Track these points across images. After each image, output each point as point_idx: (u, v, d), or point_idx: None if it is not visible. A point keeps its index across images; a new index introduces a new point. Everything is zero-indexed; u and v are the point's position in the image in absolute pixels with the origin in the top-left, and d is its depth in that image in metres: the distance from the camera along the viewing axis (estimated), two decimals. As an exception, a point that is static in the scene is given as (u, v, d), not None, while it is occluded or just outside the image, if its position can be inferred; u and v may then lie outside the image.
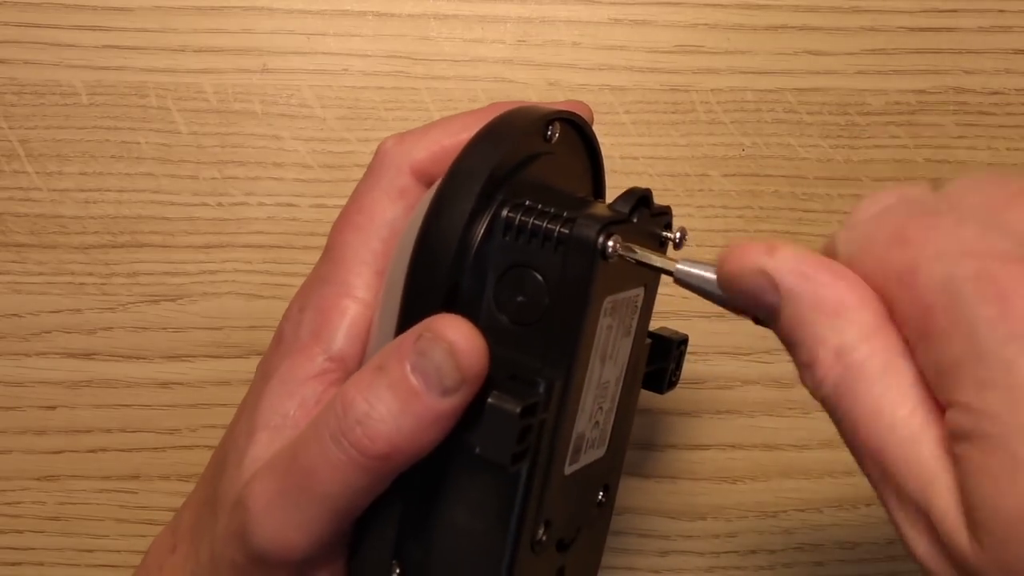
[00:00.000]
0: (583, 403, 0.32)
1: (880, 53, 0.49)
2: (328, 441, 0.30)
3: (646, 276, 0.34)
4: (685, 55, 0.48)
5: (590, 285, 0.30)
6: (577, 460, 0.33)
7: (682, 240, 0.34)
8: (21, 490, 0.49)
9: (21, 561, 0.49)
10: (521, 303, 0.31)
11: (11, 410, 0.48)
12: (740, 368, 0.49)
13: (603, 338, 0.32)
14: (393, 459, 0.30)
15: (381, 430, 0.29)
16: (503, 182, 0.32)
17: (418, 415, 0.29)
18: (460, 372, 0.29)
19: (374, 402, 0.29)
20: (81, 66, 0.47)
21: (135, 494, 0.49)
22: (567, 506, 0.34)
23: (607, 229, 0.30)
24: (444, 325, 0.29)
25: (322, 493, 0.30)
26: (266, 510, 0.31)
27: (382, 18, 0.48)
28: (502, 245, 0.31)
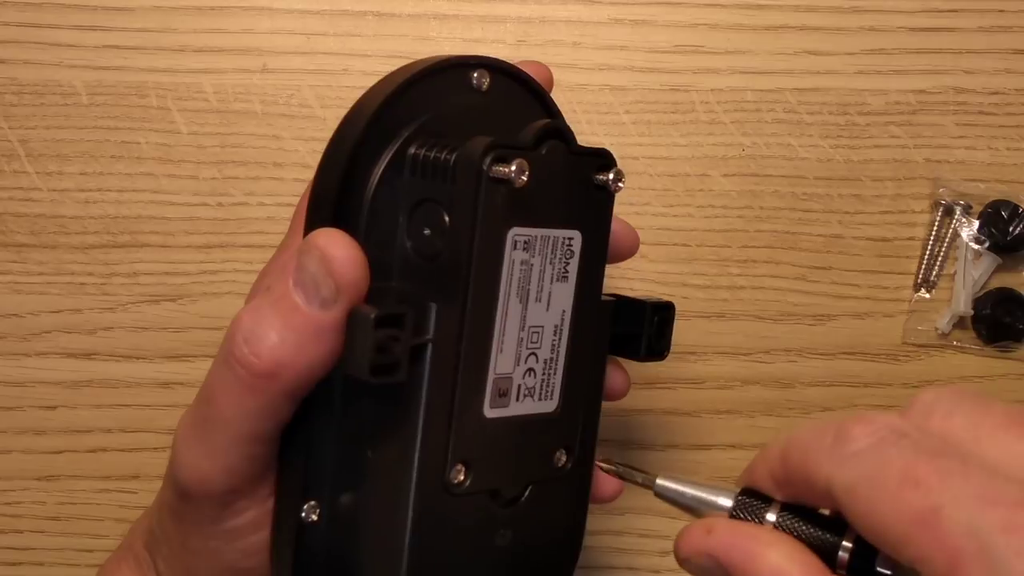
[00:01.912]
0: (501, 341, 0.32)
1: (880, 53, 0.49)
2: (222, 365, 0.30)
3: (583, 220, 0.33)
4: (685, 55, 0.48)
5: (475, 205, 0.30)
6: (505, 404, 0.32)
7: (617, 182, 0.33)
8: (21, 490, 0.49)
9: (21, 561, 0.49)
10: (428, 236, 0.31)
11: (11, 410, 0.48)
12: (740, 368, 0.49)
13: (518, 274, 0.32)
14: (280, 376, 0.30)
15: (264, 346, 0.29)
16: (409, 121, 0.32)
17: (299, 328, 0.29)
18: (334, 280, 0.29)
19: (259, 320, 0.30)
20: (81, 66, 0.47)
21: (135, 494, 0.49)
22: (498, 453, 0.33)
23: (493, 150, 0.30)
24: (319, 236, 0.29)
25: (222, 419, 0.30)
26: (183, 443, 0.31)
27: (382, 18, 0.48)
28: (409, 181, 0.31)
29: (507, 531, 0.34)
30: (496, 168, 0.30)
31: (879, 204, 0.49)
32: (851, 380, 0.49)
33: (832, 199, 0.49)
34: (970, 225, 0.49)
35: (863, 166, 0.49)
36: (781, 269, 0.49)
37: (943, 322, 0.49)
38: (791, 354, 0.49)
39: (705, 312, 0.49)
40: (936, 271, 0.49)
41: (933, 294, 0.49)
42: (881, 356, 0.49)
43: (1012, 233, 0.48)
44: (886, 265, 0.49)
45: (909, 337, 0.49)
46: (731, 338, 0.49)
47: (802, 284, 0.49)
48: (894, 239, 0.49)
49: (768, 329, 0.49)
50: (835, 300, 0.49)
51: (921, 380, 0.49)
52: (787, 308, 0.49)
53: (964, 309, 0.49)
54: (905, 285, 0.49)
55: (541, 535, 0.35)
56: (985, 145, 0.49)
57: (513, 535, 0.34)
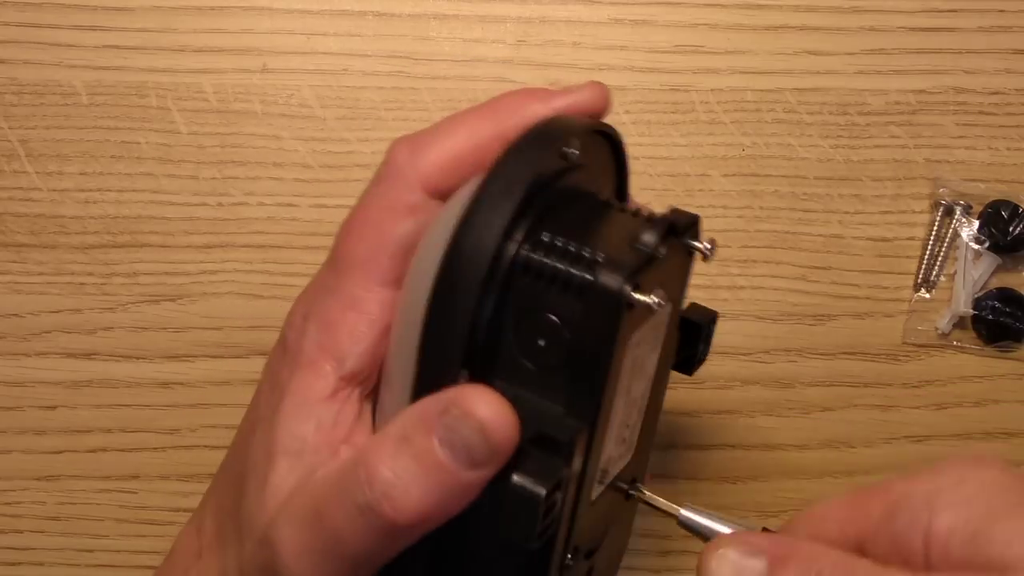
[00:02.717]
0: (609, 434, 0.31)
1: (880, 53, 0.49)
2: (354, 510, 0.30)
3: (674, 289, 0.32)
4: (685, 55, 0.48)
5: (616, 336, 0.29)
6: (604, 481, 0.32)
7: (711, 251, 0.32)
8: (21, 490, 0.49)
9: (21, 561, 0.49)
10: (542, 347, 0.30)
11: (11, 410, 0.48)
12: (740, 368, 0.49)
13: (629, 368, 0.31)
14: (419, 528, 0.30)
15: (407, 502, 0.29)
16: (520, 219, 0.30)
17: (445, 487, 0.29)
18: (490, 447, 0.28)
19: (400, 473, 0.29)
20: (81, 66, 0.47)
21: (135, 494, 0.49)
22: (593, 525, 0.33)
23: (633, 279, 0.28)
24: (473, 400, 0.28)
25: (349, 554, 0.30)
26: (296, 560, 0.31)
27: (382, 18, 0.48)
28: (522, 286, 0.30)
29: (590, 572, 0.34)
30: (636, 297, 0.28)
31: (879, 204, 0.49)
32: (851, 380, 0.49)
33: (832, 199, 0.49)
34: (970, 225, 0.49)
35: (863, 166, 0.49)
36: (781, 269, 0.49)
37: (943, 322, 0.49)
38: (791, 354, 0.49)
39: (705, 312, 0.49)
40: (936, 271, 0.49)
41: (933, 294, 0.49)
42: (881, 356, 0.49)
43: (1012, 233, 0.48)
44: (886, 265, 0.49)
45: (909, 337, 0.49)
46: (731, 338, 0.49)
47: (802, 284, 0.49)
48: (894, 239, 0.49)
49: (768, 329, 0.49)
50: (835, 300, 0.49)
51: (921, 380, 0.49)
52: (787, 308, 0.49)
53: (964, 309, 0.49)
54: (905, 285, 0.49)
55: (609, 557, 0.36)
56: (985, 145, 0.49)
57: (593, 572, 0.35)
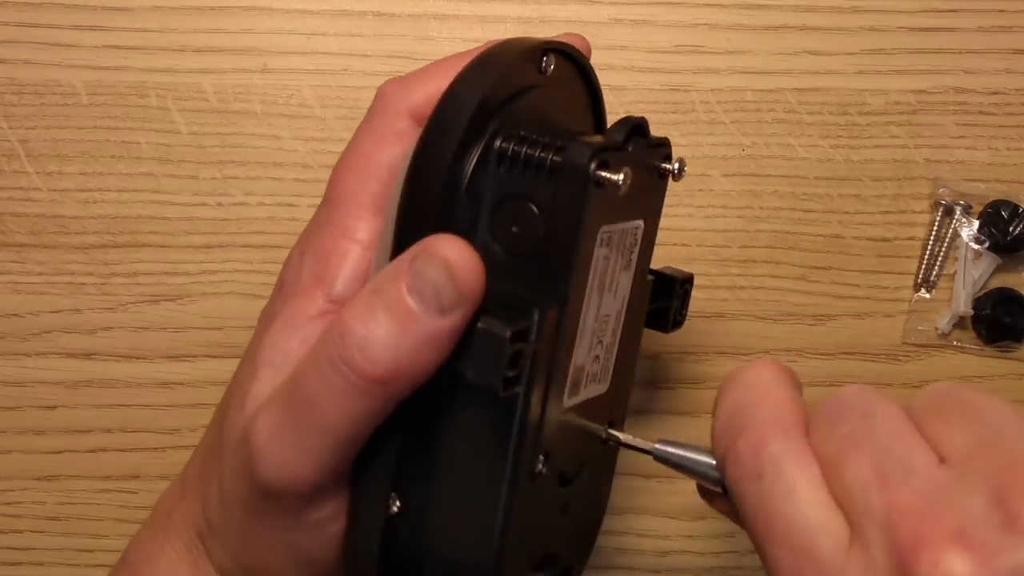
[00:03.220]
0: (581, 334, 0.32)
1: (880, 53, 0.49)
2: (327, 368, 0.30)
3: (645, 208, 0.34)
4: (685, 55, 0.48)
5: (583, 212, 0.30)
6: (577, 393, 0.33)
7: (681, 171, 0.34)
8: (21, 490, 0.49)
9: (21, 561, 0.49)
10: (516, 233, 0.31)
11: (11, 410, 0.48)
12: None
13: (600, 269, 0.32)
14: (393, 383, 0.29)
15: (380, 353, 0.29)
16: (495, 113, 0.32)
17: (417, 335, 0.29)
18: (457, 289, 0.29)
19: (372, 326, 0.29)
20: (81, 66, 0.47)
21: (135, 494, 0.49)
22: (568, 439, 0.33)
23: (599, 155, 0.30)
24: (440, 244, 0.29)
25: (324, 421, 0.30)
26: (270, 442, 0.31)
27: (382, 18, 0.48)
28: (496, 176, 0.31)
29: (565, 506, 0.35)
30: (601, 174, 0.30)
31: (879, 204, 0.49)
32: (851, 380, 0.49)
33: (832, 199, 0.49)
34: (970, 225, 0.49)
35: (863, 166, 0.49)
36: (781, 269, 0.49)
37: (943, 322, 0.49)
38: (791, 354, 0.49)
39: (705, 312, 0.49)
40: (936, 271, 0.49)
41: (933, 294, 0.49)
42: (881, 356, 0.49)
43: (1012, 233, 0.48)
44: (886, 265, 0.49)
45: (909, 337, 0.49)
46: (731, 338, 0.49)
47: (802, 284, 0.49)
48: (894, 239, 0.49)
49: (768, 329, 0.49)
50: (835, 300, 0.49)
51: (921, 380, 0.49)
52: (787, 308, 0.49)
53: (964, 309, 0.49)
54: (905, 285, 0.49)
55: (586, 504, 0.36)
56: (985, 145, 0.49)
57: (568, 509, 0.35)
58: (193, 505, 0.35)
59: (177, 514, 0.36)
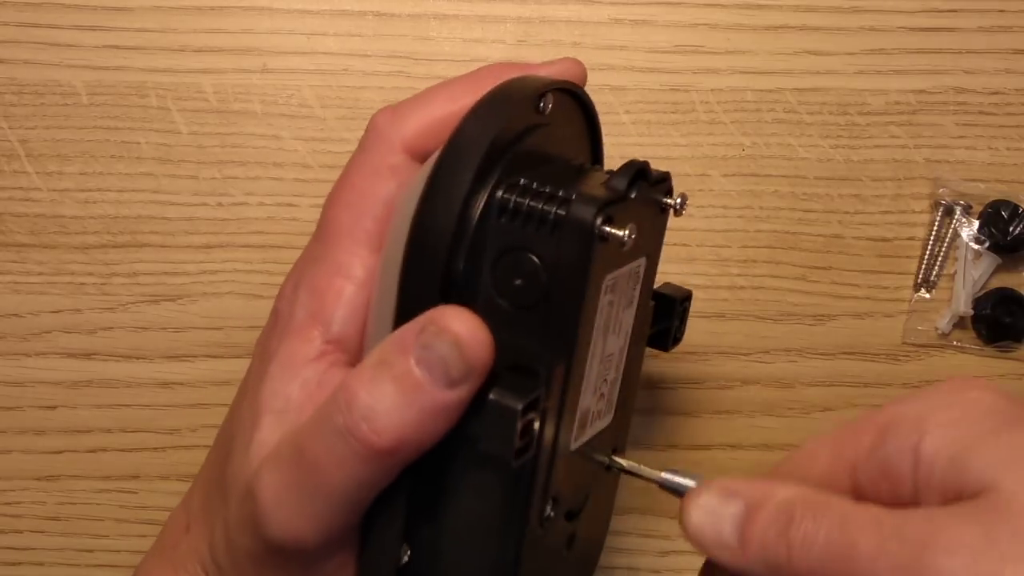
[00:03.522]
0: (587, 380, 0.32)
1: (880, 53, 0.49)
2: (333, 436, 0.30)
3: (647, 245, 0.34)
4: (685, 55, 0.48)
5: (588, 269, 0.30)
6: (583, 434, 0.33)
7: (682, 206, 0.34)
8: (21, 490, 0.49)
9: (21, 561, 0.49)
10: (519, 286, 0.31)
11: (11, 410, 0.48)
12: (740, 368, 0.49)
13: (605, 314, 0.32)
14: (399, 452, 0.30)
15: (386, 424, 0.29)
16: (498, 160, 0.31)
17: (423, 408, 0.29)
18: (466, 363, 0.29)
19: (378, 396, 0.29)
20: (81, 66, 0.47)
21: (135, 494, 0.49)
22: (574, 479, 0.33)
23: (604, 211, 0.29)
24: (449, 317, 0.29)
25: (330, 487, 0.30)
26: (276, 502, 0.31)
27: (382, 18, 0.48)
28: (497, 227, 0.31)
29: (570, 539, 0.35)
30: (607, 229, 0.29)
31: (879, 204, 0.49)
32: (851, 380, 0.49)
33: (832, 199, 0.49)
34: (970, 225, 0.49)
35: (863, 166, 0.49)
36: (781, 269, 0.49)
37: (943, 322, 0.49)
38: (791, 354, 0.49)
39: (705, 312, 0.49)
40: (936, 271, 0.49)
41: (933, 294, 0.49)
42: (881, 356, 0.50)
43: (1012, 233, 0.48)
44: (886, 265, 0.49)
45: (909, 337, 0.49)
46: (731, 338, 0.49)
47: (802, 284, 0.49)
48: (894, 239, 0.49)
49: (768, 329, 0.49)
50: (835, 300, 0.49)
51: (921, 380, 0.49)
52: (787, 308, 0.49)
53: (964, 309, 0.49)
54: (905, 285, 0.49)
55: (590, 530, 0.36)
56: (985, 145, 0.49)
57: (574, 541, 0.35)
58: (199, 541, 0.35)
59: (183, 547, 0.36)
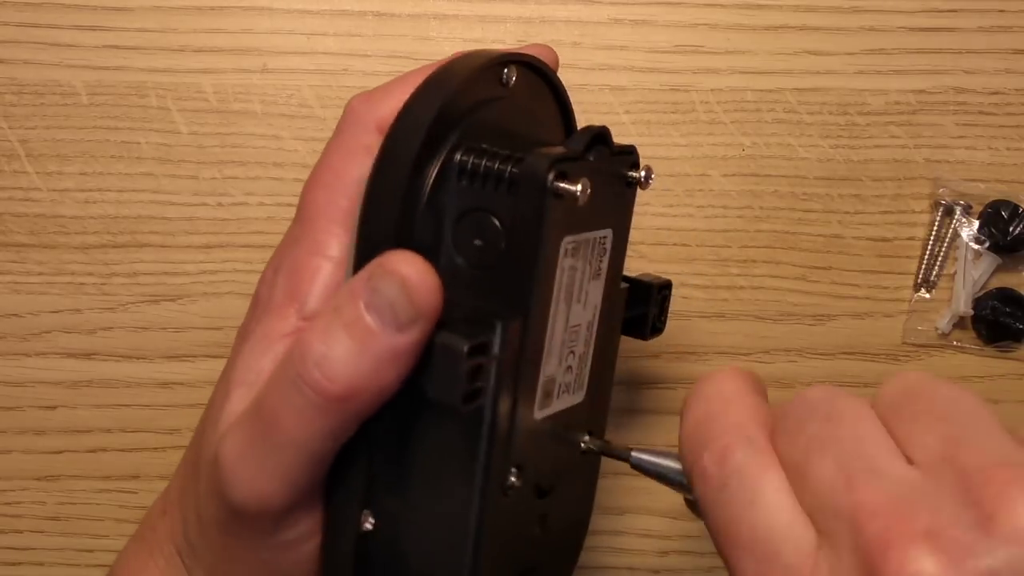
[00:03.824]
0: (550, 346, 0.32)
1: (880, 53, 0.49)
2: (289, 387, 0.30)
3: (614, 218, 0.34)
4: (685, 55, 0.48)
5: (542, 223, 0.30)
6: (549, 405, 0.33)
7: (647, 179, 0.34)
8: (21, 490, 0.49)
9: (21, 561, 0.49)
10: (479, 247, 0.31)
11: (11, 410, 0.48)
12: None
13: (566, 279, 0.32)
14: (354, 400, 0.29)
15: (339, 370, 0.29)
16: (455, 126, 0.31)
17: (375, 353, 0.29)
18: (414, 306, 0.29)
19: (331, 343, 0.29)
20: (81, 66, 0.47)
21: (135, 494, 0.49)
22: (542, 451, 0.33)
23: (557, 166, 0.30)
24: (396, 260, 0.29)
25: (288, 439, 0.30)
26: (237, 462, 0.31)
27: (382, 18, 0.48)
28: (456, 189, 0.31)
29: (543, 518, 0.35)
30: (560, 185, 0.30)
31: (879, 204, 0.49)
32: (851, 380, 0.49)
33: (832, 199, 0.49)
34: (970, 225, 0.49)
35: (863, 166, 0.49)
36: (781, 269, 0.49)
37: (943, 322, 0.49)
38: (791, 354, 0.49)
39: (705, 312, 0.49)
40: (936, 271, 0.49)
41: (933, 294, 0.49)
42: (881, 356, 0.50)
43: (1012, 233, 0.48)
44: (886, 265, 0.49)
45: (909, 337, 0.49)
46: (731, 338, 0.49)
47: (802, 284, 0.49)
48: (894, 239, 0.49)
49: (768, 329, 0.49)
50: (835, 300, 0.49)
51: (921, 380, 0.49)
52: (787, 308, 0.49)
53: (964, 309, 0.49)
54: (905, 285, 0.49)
55: (566, 515, 0.36)
56: (985, 145, 0.49)
57: (547, 521, 0.35)
58: (174, 522, 0.36)
59: (160, 530, 0.36)
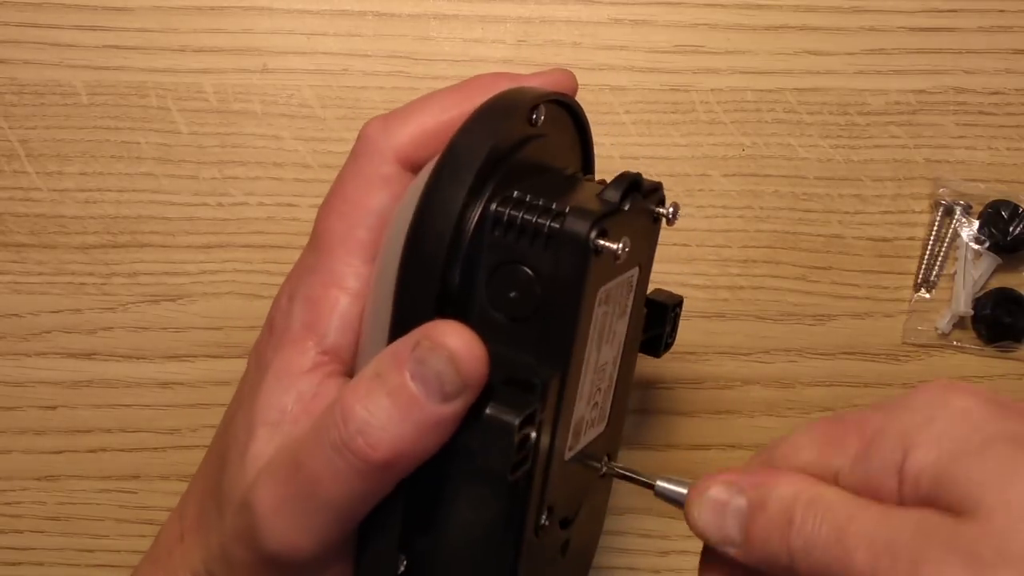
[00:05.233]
0: (581, 390, 0.32)
1: (880, 53, 0.49)
2: (330, 450, 0.30)
3: (640, 255, 0.34)
4: (685, 55, 0.48)
5: (584, 281, 0.30)
6: (577, 443, 0.33)
7: (675, 216, 0.34)
8: (21, 490, 0.49)
9: (21, 561, 0.49)
10: (514, 299, 0.31)
11: (11, 410, 0.48)
12: (740, 368, 0.49)
13: (599, 325, 0.32)
14: (395, 466, 0.30)
15: (382, 438, 0.29)
16: (492, 172, 0.31)
17: (419, 422, 0.29)
18: (461, 378, 0.29)
19: (374, 410, 0.29)
20: (81, 66, 0.47)
21: (135, 494, 0.49)
22: (569, 487, 0.33)
23: (598, 224, 0.30)
24: (443, 332, 0.29)
25: (327, 500, 0.30)
26: (273, 515, 0.31)
27: (382, 18, 0.48)
28: (492, 240, 0.31)
29: (565, 546, 0.35)
30: (601, 243, 0.30)
31: (879, 204, 0.49)
32: (851, 380, 0.49)
33: (832, 199, 0.49)
34: (970, 225, 0.49)
35: (863, 166, 0.49)
36: (781, 269, 0.49)
37: (943, 322, 0.49)
38: (791, 354, 0.49)
39: (705, 312, 0.49)
40: (936, 271, 0.49)
41: (933, 294, 0.49)
42: (881, 356, 0.50)
43: (1012, 233, 0.48)
44: (886, 265, 0.49)
45: (909, 337, 0.49)
46: (731, 338, 0.49)
47: (802, 284, 0.49)
48: (894, 239, 0.49)
49: (768, 329, 0.49)
50: (835, 300, 0.49)
51: (921, 380, 0.49)
52: (787, 308, 0.49)
53: (964, 309, 0.49)
54: (905, 285, 0.49)
55: (583, 536, 0.36)
56: (985, 145, 0.49)
57: (568, 548, 0.35)
58: (193, 551, 0.35)
59: (177, 556, 0.36)
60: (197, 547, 0.35)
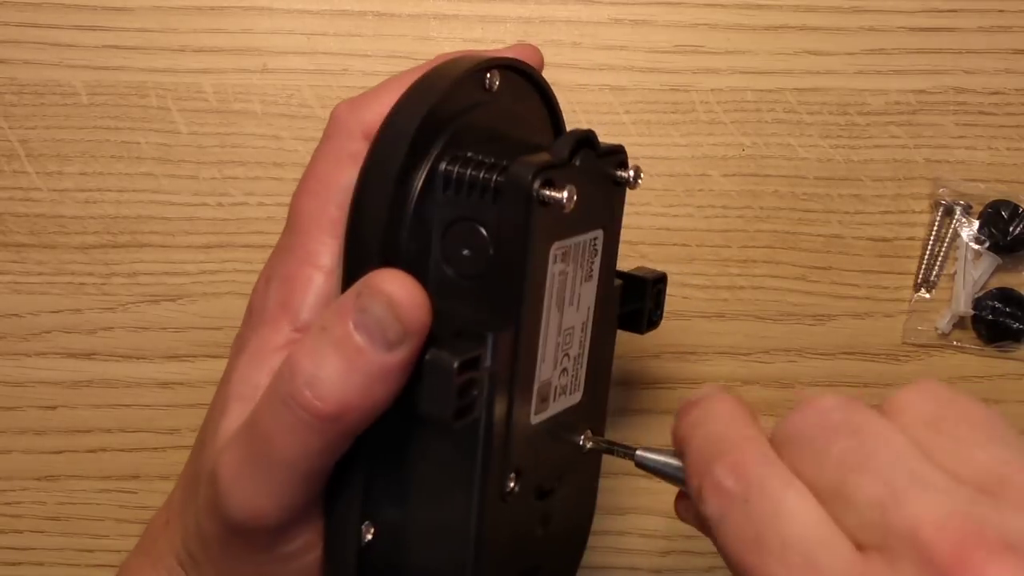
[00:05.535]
0: (543, 351, 0.32)
1: (880, 53, 0.49)
2: (280, 406, 0.30)
3: (602, 218, 0.34)
4: (685, 55, 0.48)
5: (528, 233, 0.30)
6: (546, 408, 0.33)
7: (636, 178, 0.34)
8: (21, 490, 0.49)
9: (21, 561, 0.49)
10: (467, 256, 0.31)
11: (11, 410, 0.48)
12: (740, 368, 0.49)
13: (557, 284, 0.32)
14: (345, 418, 0.30)
15: (329, 390, 0.29)
16: (439, 135, 0.31)
17: (364, 372, 0.29)
18: (402, 324, 0.29)
19: (320, 362, 0.29)
20: (81, 66, 0.47)
21: (135, 494, 0.49)
22: (541, 454, 0.33)
23: (542, 174, 0.30)
24: (382, 279, 0.29)
25: (282, 458, 0.30)
26: (234, 480, 0.31)
27: (382, 18, 0.48)
28: (442, 200, 0.31)
29: (545, 518, 0.35)
30: (546, 193, 0.30)
31: (879, 204, 0.49)
32: (851, 380, 0.49)
33: (832, 199, 0.49)
34: (970, 225, 0.49)
35: (863, 166, 0.49)
36: (781, 269, 0.49)
37: (943, 322, 0.49)
38: (791, 354, 0.49)
39: (705, 312, 0.49)
40: (936, 271, 0.49)
41: (933, 294, 0.49)
42: (881, 356, 0.50)
43: (1012, 233, 0.48)
44: (886, 265, 0.49)
45: (909, 337, 0.49)
46: (731, 338, 0.49)
47: (802, 284, 0.49)
48: (894, 239, 0.49)
49: (768, 329, 0.49)
50: (835, 300, 0.49)
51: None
52: (787, 308, 0.49)
53: (964, 309, 0.49)
54: (905, 285, 0.49)
55: (569, 512, 0.36)
56: (985, 145, 0.49)
57: (550, 521, 0.35)
58: (175, 534, 0.36)
59: (161, 541, 0.36)
60: (178, 531, 0.35)
